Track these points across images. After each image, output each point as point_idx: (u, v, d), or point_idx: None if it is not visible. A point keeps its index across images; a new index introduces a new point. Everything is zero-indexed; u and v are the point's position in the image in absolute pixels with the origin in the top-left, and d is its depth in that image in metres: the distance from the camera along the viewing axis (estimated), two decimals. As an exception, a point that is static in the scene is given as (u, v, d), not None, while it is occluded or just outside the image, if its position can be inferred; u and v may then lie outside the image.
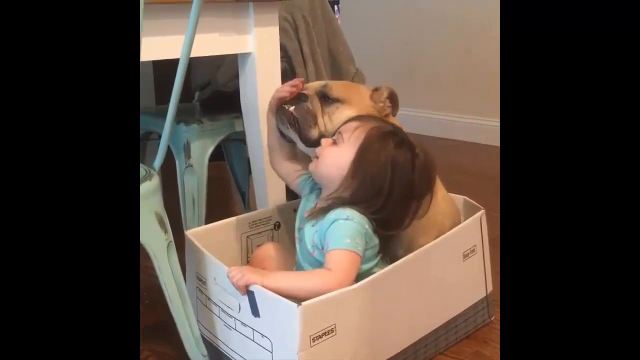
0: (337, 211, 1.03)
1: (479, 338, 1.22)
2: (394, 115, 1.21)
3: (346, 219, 1.02)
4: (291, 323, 0.90)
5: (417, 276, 1.08)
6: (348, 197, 1.04)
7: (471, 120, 2.89)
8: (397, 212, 1.05)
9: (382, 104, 1.18)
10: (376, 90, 1.19)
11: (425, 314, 1.12)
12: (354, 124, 1.07)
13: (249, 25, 1.20)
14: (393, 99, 1.19)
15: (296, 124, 1.13)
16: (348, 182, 1.04)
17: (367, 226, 1.04)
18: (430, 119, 2.94)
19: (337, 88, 1.17)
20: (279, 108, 1.16)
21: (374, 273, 1.03)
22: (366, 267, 1.05)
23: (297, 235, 1.13)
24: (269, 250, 1.20)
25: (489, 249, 1.25)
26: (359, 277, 1.01)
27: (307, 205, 1.14)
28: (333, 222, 1.03)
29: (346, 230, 1.01)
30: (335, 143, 1.07)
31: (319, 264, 1.06)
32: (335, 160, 1.06)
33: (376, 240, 1.06)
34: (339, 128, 1.09)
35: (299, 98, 1.15)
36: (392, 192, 1.03)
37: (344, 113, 1.14)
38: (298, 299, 0.92)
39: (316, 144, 1.12)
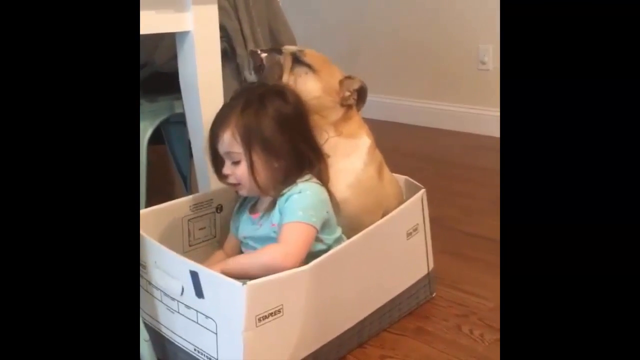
0: (290, 189, 1.04)
1: (420, 314, 1.25)
2: (358, 110, 1.20)
3: (299, 192, 1.03)
4: (236, 302, 0.89)
5: (364, 256, 1.09)
6: (284, 176, 1.05)
7: (412, 103, 2.93)
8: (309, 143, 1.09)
9: (348, 93, 1.16)
10: (348, 77, 1.18)
11: (371, 292, 1.13)
12: (233, 132, 1.03)
13: (187, 2, 1.16)
14: (362, 93, 1.18)
15: (261, 70, 1.11)
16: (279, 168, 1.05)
17: (323, 195, 1.05)
18: (374, 101, 2.96)
19: (312, 56, 1.17)
20: (251, 51, 1.15)
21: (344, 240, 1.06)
22: (335, 236, 1.07)
23: (243, 248, 1.13)
24: (219, 256, 1.17)
25: (430, 227, 1.27)
26: (329, 248, 1.03)
27: (242, 215, 1.13)
28: (288, 199, 1.03)
29: (299, 203, 1.02)
30: (236, 162, 1.05)
31: None
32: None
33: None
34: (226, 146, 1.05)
35: (273, 50, 1.14)
36: (296, 136, 1.06)
37: (308, 82, 1.14)
38: (253, 278, 0.91)
39: None
